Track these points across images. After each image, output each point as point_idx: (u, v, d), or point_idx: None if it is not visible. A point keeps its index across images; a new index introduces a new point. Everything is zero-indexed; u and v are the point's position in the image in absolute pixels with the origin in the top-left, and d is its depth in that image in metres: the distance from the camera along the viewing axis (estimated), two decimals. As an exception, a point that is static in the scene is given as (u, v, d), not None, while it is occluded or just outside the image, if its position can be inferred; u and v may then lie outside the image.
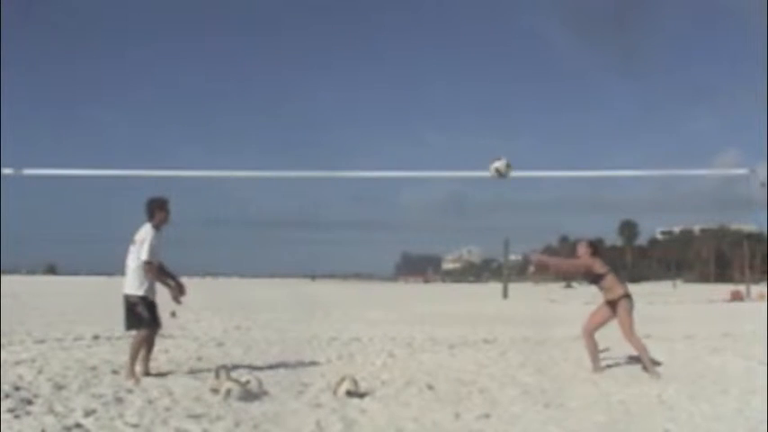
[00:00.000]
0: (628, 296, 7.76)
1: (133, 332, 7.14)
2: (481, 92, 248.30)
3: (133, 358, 6.98)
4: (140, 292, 7.02)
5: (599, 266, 7.80)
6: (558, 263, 9.22)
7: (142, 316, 7.04)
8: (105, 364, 7.90)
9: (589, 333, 7.96)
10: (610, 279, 7.78)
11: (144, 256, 6.95)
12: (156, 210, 7.14)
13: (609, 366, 8.12)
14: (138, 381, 6.71)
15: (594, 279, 7.84)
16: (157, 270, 7.06)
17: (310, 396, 6.20)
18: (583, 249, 7.95)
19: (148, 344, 7.16)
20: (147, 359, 7.18)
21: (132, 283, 7.04)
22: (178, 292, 7.25)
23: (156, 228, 7.10)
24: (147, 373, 7.02)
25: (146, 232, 7.04)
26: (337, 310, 21.57)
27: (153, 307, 7.14)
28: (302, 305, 24.51)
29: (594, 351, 7.97)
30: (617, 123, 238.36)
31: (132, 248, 7.08)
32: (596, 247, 8.04)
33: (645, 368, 7.64)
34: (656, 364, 7.82)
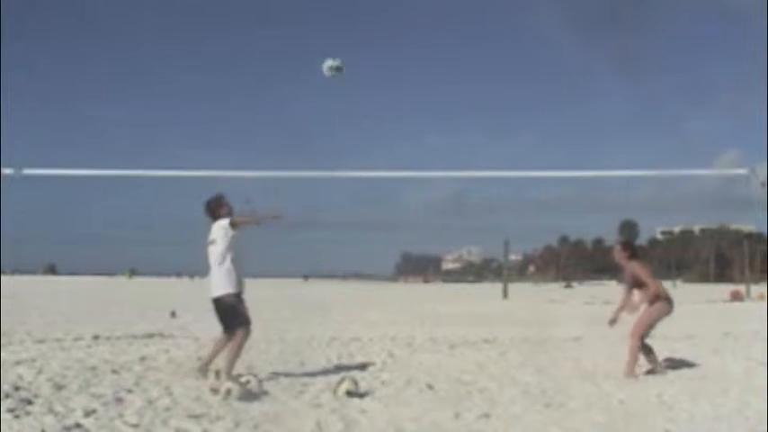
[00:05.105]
0: (667, 299, 7.55)
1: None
2: (481, 91, 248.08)
3: (233, 362, 6.73)
4: (233, 290, 6.84)
5: (640, 271, 7.52)
6: (640, 299, 7.71)
7: (244, 313, 6.85)
8: (105, 364, 7.90)
9: (638, 337, 7.51)
10: (651, 283, 7.52)
11: (226, 221, 6.84)
12: (217, 207, 7.01)
13: (609, 367, 8.12)
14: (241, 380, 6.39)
15: (637, 283, 7.57)
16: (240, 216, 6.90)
17: (310, 396, 6.20)
18: (619, 254, 7.65)
19: (243, 345, 6.91)
20: (213, 359, 7.02)
21: (221, 284, 6.84)
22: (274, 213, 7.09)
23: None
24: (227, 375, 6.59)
25: (219, 226, 6.90)
26: (337, 310, 21.57)
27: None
28: (302, 305, 24.50)
29: (636, 355, 7.51)
30: (617, 123, 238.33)
31: (211, 249, 6.90)
32: (633, 249, 7.72)
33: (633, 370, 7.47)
34: (655, 366, 7.64)
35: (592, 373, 7.75)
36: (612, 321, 7.70)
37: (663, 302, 7.57)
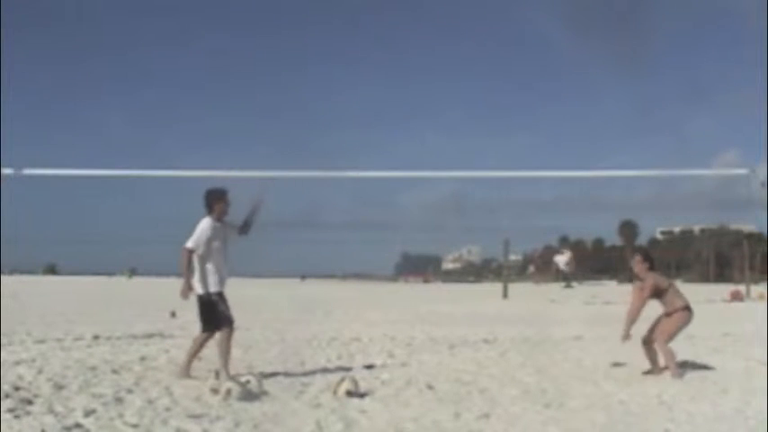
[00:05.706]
0: (687, 309, 7.55)
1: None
2: (481, 91, 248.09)
3: (226, 360, 6.68)
4: (215, 288, 6.80)
5: (659, 282, 7.53)
6: (633, 311, 7.52)
7: (224, 313, 6.80)
8: (105, 364, 7.90)
9: (661, 345, 7.53)
10: (671, 293, 7.55)
11: (188, 243, 6.68)
12: (215, 202, 6.91)
13: (609, 366, 8.12)
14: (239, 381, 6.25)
15: (657, 294, 7.54)
16: (189, 261, 6.68)
17: (310, 396, 6.20)
18: (639, 266, 7.62)
19: (229, 343, 6.84)
20: (192, 360, 7.03)
21: (203, 281, 6.80)
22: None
23: (218, 219, 6.88)
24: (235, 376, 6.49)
25: (201, 223, 6.80)
26: (337, 310, 21.57)
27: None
28: (302, 305, 24.50)
29: (655, 358, 7.60)
30: (617, 123, 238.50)
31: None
32: (652, 260, 7.71)
33: (670, 372, 7.48)
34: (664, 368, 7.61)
35: (592, 373, 7.75)
36: (626, 337, 7.50)
37: (681, 312, 7.53)
